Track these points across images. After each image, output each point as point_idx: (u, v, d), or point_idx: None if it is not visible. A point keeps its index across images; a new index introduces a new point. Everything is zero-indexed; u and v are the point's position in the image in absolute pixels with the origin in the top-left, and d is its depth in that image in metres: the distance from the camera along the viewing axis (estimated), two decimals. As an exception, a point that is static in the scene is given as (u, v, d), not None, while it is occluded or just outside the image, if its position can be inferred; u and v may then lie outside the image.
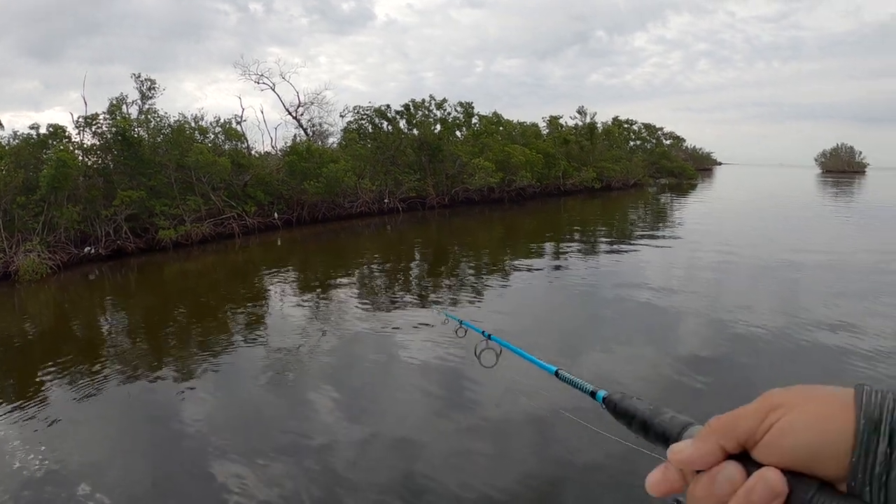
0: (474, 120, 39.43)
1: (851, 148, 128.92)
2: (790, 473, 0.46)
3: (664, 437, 0.70)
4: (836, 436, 0.44)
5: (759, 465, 0.48)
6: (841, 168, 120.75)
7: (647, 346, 8.85)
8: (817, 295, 11.54)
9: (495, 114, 41.72)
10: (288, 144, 32.47)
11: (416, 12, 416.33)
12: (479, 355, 2.22)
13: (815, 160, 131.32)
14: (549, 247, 19.46)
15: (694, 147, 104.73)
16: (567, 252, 18.05)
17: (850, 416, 0.45)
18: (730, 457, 0.50)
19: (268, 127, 37.86)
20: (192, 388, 7.74)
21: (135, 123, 24.07)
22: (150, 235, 21.63)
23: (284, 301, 13.14)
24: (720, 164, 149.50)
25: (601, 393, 0.94)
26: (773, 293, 11.96)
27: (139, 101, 27.27)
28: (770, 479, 0.46)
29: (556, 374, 1.37)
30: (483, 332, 2.35)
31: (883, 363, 7.60)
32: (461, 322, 2.95)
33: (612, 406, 0.86)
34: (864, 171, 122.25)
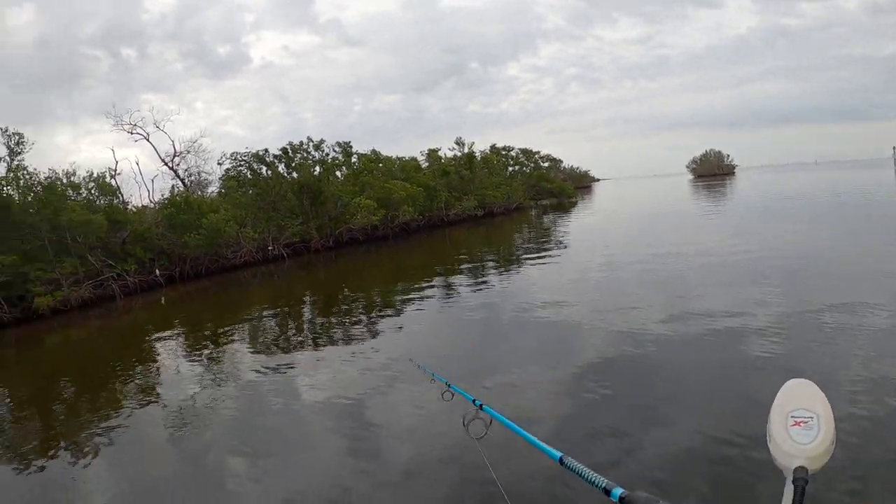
0: (353, 159, 41.45)
1: (719, 152, 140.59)
2: None
3: None
4: None
5: None
6: (712, 172, 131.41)
7: (550, 361, 9.12)
8: (702, 288, 12.89)
9: (374, 151, 44.15)
10: (165, 196, 33.11)
11: (292, 54, 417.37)
12: (468, 425, 2.21)
13: (687, 167, 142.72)
14: (438, 278, 19.86)
15: (572, 166, 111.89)
16: (456, 281, 18.61)
17: None
18: None
19: (144, 179, 38.43)
20: (89, 465, 7.37)
21: (3, 183, 24.21)
22: (27, 303, 21.59)
23: (179, 364, 12.68)
24: (598, 180, 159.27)
25: (617, 490, 0.87)
26: (661, 292, 13.05)
27: (7, 158, 26.99)
28: None
29: (561, 461, 1.25)
30: (474, 401, 2.33)
31: (776, 341, 8.37)
32: (448, 385, 2.84)
33: None
34: (734, 172, 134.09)
